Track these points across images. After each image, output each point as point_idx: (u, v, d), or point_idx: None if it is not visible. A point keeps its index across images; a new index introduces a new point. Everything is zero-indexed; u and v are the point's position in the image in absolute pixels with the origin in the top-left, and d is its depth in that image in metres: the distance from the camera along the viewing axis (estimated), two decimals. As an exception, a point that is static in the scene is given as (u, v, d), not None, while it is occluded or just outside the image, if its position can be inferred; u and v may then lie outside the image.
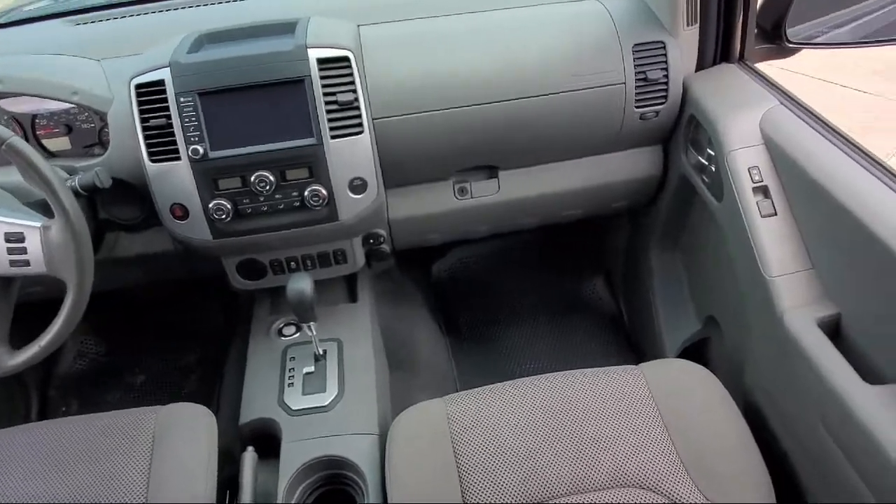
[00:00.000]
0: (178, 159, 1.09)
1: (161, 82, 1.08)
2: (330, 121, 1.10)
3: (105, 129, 1.16)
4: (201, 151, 1.09)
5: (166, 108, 1.08)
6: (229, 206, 1.12)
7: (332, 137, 1.11)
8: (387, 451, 1.01)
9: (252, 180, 1.11)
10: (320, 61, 1.10)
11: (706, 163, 1.19)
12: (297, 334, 1.31)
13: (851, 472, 0.83)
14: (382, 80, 1.17)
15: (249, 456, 1.07)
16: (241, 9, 1.34)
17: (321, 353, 1.24)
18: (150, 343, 1.79)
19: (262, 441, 1.13)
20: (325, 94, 1.10)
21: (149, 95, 1.09)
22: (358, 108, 1.11)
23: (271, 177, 1.11)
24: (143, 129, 1.09)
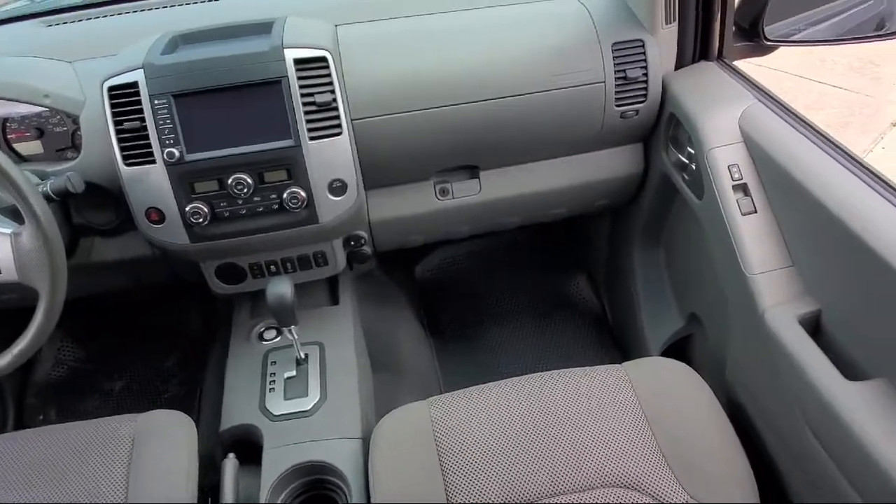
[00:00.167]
0: (153, 162, 1.08)
1: (135, 84, 1.06)
2: (308, 122, 1.09)
3: (78, 133, 1.14)
4: (177, 154, 1.07)
5: (140, 111, 1.06)
6: (206, 209, 1.11)
7: (311, 139, 1.10)
8: (370, 454, 1.00)
9: (229, 183, 1.10)
10: (297, 62, 1.08)
11: (686, 161, 1.19)
12: (279, 338, 1.29)
13: (832, 467, 0.84)
14: (361, 81, 1.16)
15: (230, 463, 1.06)
16: (216, 9, 1.32)
17: (303, 357, 1.23)
18: (130, 348, 1.76)
19: (243, 447, 1.12)
20: (303, 95, 1.09)
21: (122, 98, 1.07)
22: (336, 108, 1.10)
23: (249, 179, 1.10)
24: (117, 132, 1.07)
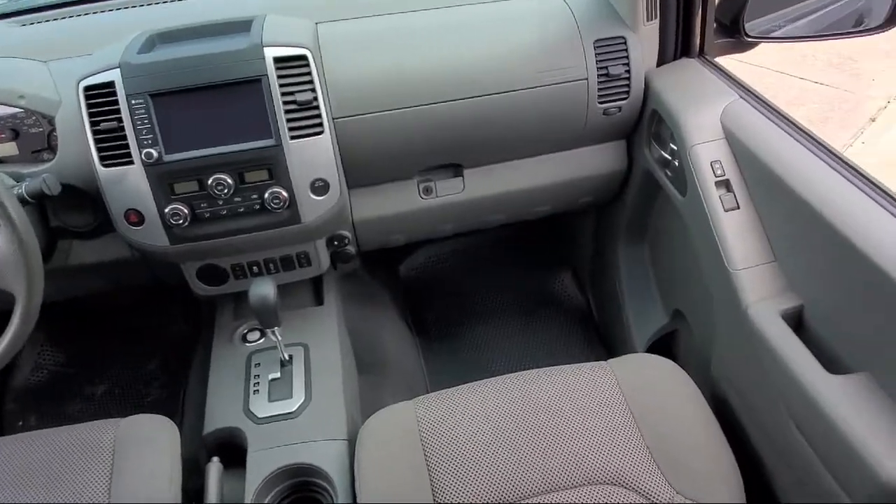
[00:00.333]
0: (132, 163, 1.06)
1: (111, 84, 1.05)
2: (289, 121, 1.08)
3: (54, 134, 1.12)
4: (155, 155, 1.05)
5: (117, 111, 1.05)
6: (186, 210, 1.09)
7: (292, 138, 1.08)
8: (356, 455, 0.99)
9: (209, 183, 1.08)
10: (277, 60, 1.07)
11: (669, 157, 1.19)
12: (262, 340, 1.28)
13: (817, 461, 0.84)
14: (342, 79, 1.15)
15: (214, 467, 1.05)
16: (194, 7, 1.30)
17: (287, 359, 1.22)
18: (111, 351, 1.74)
19: (227, 450, 1.11)
20: (283, 94, 1.07)
21: (98, 98, 1.05)
22: (317, 107, 1.09)
23: (229, 179, 1.09)
24: (94, 132, 1.05)
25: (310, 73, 1.09)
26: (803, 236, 0.92)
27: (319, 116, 1.09)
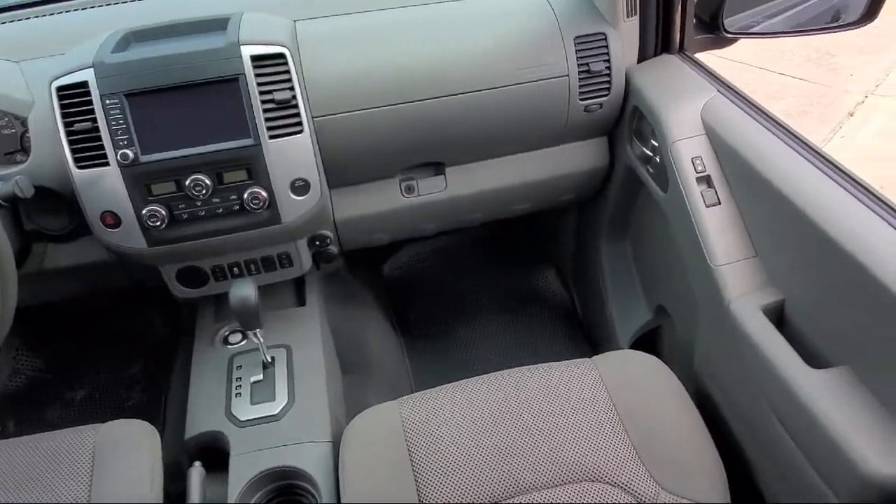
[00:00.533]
0: (107, 165, 1.04)
1: (84, 84, 1.03)
2: (267, 120, 1.07)
3: (27, 135, 1.09)
4: (131, 156, 1.04)
5: (91, 111, 1.03)
6: (164, 212, 1.08)
7: (271, 137, 1.07)
8: (340, 456, 0.98)
9: (187, 184, 1.07)
10: (254, 58, 1.06)
11: (651, 154, 1.19)
12: (244, 342, 1.27)
13: (799, 454, 0.85)
14: (321, 77, 1.14)
15: (196, 472, 1.04)
16: (169, 5, 1.28)
17: (269, 361, 1.20)
18: (91, 355, 1.71)
19: (210, 454, 1.09)
20: (262, 93, 1.06)
21: (72, 98, 1.03)
22: (296, 106, 1.08)
23: (207, 180, 1.07)
24: (67, 133, 1.03)
25: (288, 72, 1.07)
26: (784, 231, 0.93)
27: (298, 115, 1.08)
